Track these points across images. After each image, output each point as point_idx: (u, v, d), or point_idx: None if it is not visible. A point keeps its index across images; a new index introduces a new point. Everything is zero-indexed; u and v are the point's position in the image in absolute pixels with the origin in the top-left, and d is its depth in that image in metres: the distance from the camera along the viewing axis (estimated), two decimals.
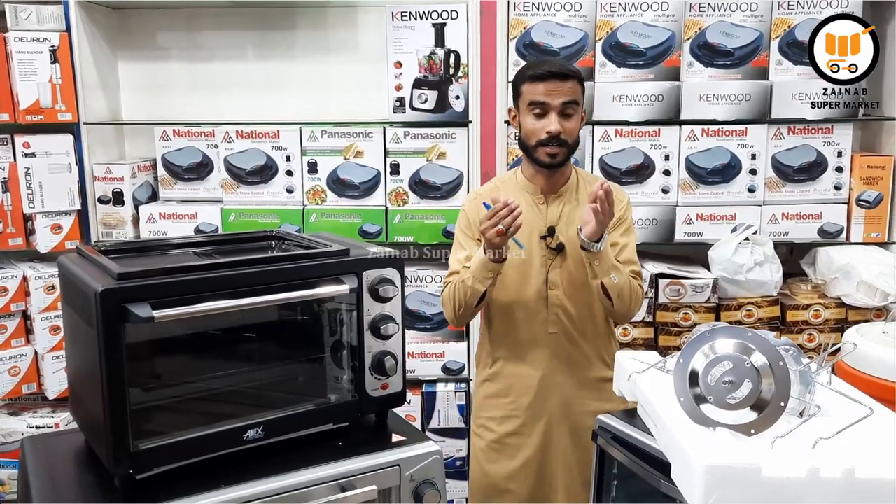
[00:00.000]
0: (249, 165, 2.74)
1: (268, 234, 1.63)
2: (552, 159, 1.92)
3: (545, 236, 1.97)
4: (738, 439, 1.26)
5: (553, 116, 1.89)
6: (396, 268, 1.45)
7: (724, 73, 2.61)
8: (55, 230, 2.67)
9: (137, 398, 1.27)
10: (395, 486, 1.39)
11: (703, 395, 1.31)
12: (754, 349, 1.30)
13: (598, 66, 2.62)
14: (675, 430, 1.30)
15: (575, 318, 1.99)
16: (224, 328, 1.38)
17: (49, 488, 1.27)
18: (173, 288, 1.21)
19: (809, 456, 1.19)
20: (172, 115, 2.93)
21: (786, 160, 2.65)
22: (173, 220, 2.75)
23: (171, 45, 2.96)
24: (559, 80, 1.89)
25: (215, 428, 1.31)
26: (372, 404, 1.46)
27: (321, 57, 2.90)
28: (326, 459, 1.36)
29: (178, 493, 1.22)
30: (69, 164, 2.65)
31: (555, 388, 2.01)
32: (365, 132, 2.68)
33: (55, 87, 2.60)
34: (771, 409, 1.27)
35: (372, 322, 1.43)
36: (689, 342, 1.36)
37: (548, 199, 2.00)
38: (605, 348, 2.06)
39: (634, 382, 1.55)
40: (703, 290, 2.57)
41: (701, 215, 2.67)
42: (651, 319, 2.61)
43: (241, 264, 1.31)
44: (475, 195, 2.09)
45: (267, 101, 2.91)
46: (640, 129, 2.64)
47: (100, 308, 1.16)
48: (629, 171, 2.66)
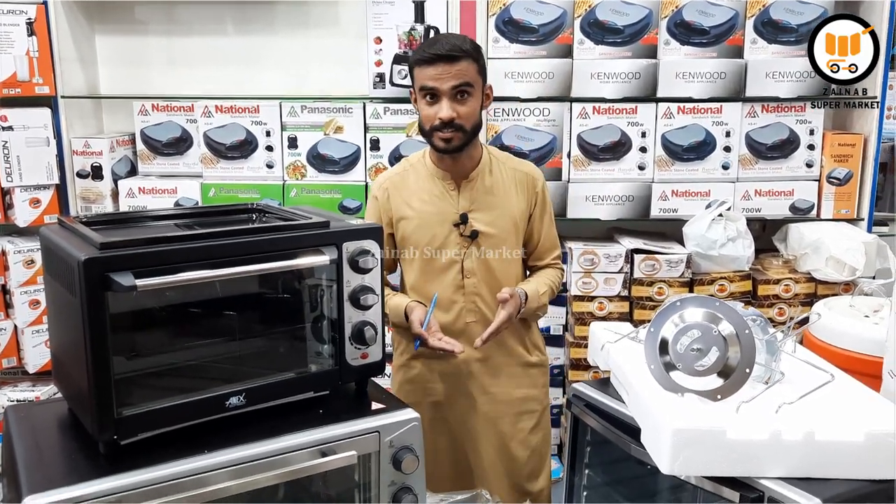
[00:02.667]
0: (229, 140, 2.74)
1: (249, 207, 1.65)
2: (447, 144, 1.83)
3: (458, 224, 1.90)
4: (706, 404, 1.31)
5: (444, 102, 1.79)
6: (375, 239, 1.47)
7: (699, 51, 2.65)
8: (34, 204, 2.66)
9: (121, 367, 1.28)
10: (374, 452, 1.42)
11: (673, 363, 1.36)
12: (722, 318, 1.35)
13: (577, 43, 2.64)
14: (646, 397, 1.35)
15: (493, 305, 1.91)
16: (206, 299, 1.40)
17: (35, 455, 1.29)
18: (156, 257, 1.23)
19: (773, 420, 1.25)
20: (151, 90, 2.92)
21: (759, 138, 2.70)
22: (153, 195, 2.75)
23: (149, 18, 2.93)
24: (447, 63, 1.77)
25: (198, 395, 1.33)
26: (352, 373, 1.49)
27: (301, 31, 2.90)
28: (307, 426, 1.38)
29: (161, 459, 1.24)
30: (47, 137, 2.64)
31: (474, 376, 1.97)
32: (345, 108, 2.70)
33: (32, 59, 2.59)
34: (737, 376, 1.33)
35: (352, 293, 1.46)
36: (659, 311, 1.41)
37: (459, 184, 1.92)
38: (527, 334, 2.02)
39: (608, 352, 1.59)
40: (677, 265, 2.63)
41: (676, 192, 2.71)
42: (626, 294, 2.66)
43: (222, 235, 1.33)
44: (384, 180, 1.99)
45: (246, 75, 2.91)
46: (618, 107, 2.67)
47: (83, 277, 1.17)
48: (606, 148, 2.69)
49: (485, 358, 1.96)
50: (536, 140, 2.69)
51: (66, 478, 1.20)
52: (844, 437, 1.21)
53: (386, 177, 2.00)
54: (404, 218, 1.91)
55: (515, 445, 2.00)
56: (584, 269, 2.65)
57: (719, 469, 1.23)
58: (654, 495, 1.67)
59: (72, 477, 1.20)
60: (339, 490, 1.47)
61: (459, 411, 1.99)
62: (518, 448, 2.01)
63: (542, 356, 2.05)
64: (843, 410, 1.29)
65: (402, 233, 1.92)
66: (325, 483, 1.49)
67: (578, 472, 1.66)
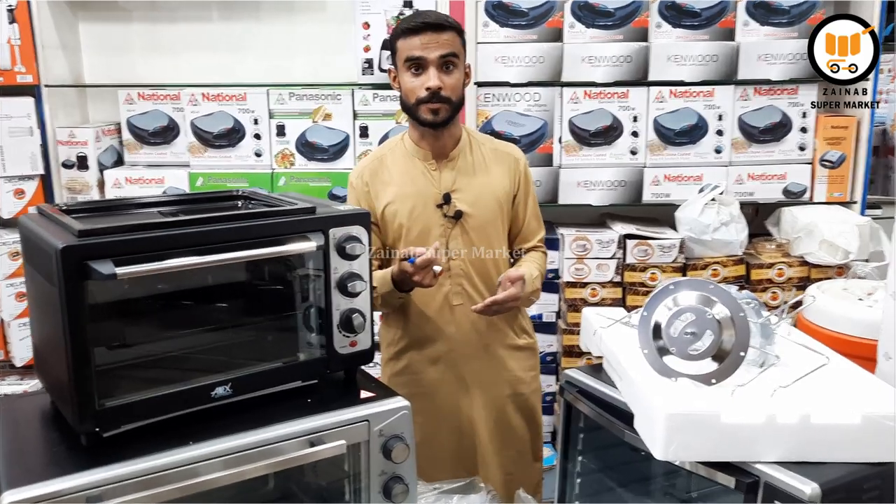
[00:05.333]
0: (217, 129, 2.71)
1: (235, 194, 1.62)
2: (434, 116, 1.80)
3: (441, 204, 1.86)
4: (700, 389, 1.29)
5: (432, 71, 1.77)
6: (363, 225, 1.44)
7: (691, 33, 2.62)
8: (18, 195, 2.63)
9: (103, 357, 1.26)
10: (364, 441, 1.39)
11: (666, 347, 1.34)
12: (716, 301, 1.33)
13: (567, 26, 2.61)
14: (639, 382, 1.33)
15: (480, 287, 1.90)
16: (191, 288, 1.37)
17: (16, 449, 1.26)
18: (136, 245, 1.20)
19: (767, 403, 1.23)
20: (136, 78, 2.88)
21: (751, 121, 2.68)
22: (140, 185, 2.71)
23: (133, 5, 2.89)
24: (435, 32, 1.76)
25: (182, 386, 1.31)
26: (340, 362, 1.47)
27: (287, 17, 2.86)
28: (296, 415, 1.35)
29: (145, 450, 1.22)
30: (30, 127, 2.60)
31: (464, 360, 1.94)
32: (333, 94, 2.66)
33: (13, 47, 2.54)
34: (731, 360, 1.30)
35: (339, 280, 1.43)
36: (652, 295, 1.38)
37: (440, 164, 1.88)
38: (515, 316, 1.99)
39: (600, 337, 1.57)
40: (670, 251, 2.61)
41: (668, 176, 2.69)
42: (619, 280, 2.64)
43: (205, 221, 1.29)
44: (361, 170, 1.94)
45: (232, 62, 2.87)
46: (609, 91, 2.64)
47: (61, 266, 1.14)
48: (598, 133, 2.67)
49: (473, 342, 1.94)
50: (527, 125, 2.66)
51: (47, 471, 1.17)
52: (841, 420, 1.19)
53: (363, 165, 1.96)
54: (385, 203, 1.88)
55: (506, 429, 1.99)
56: (576, 255, 2.63)
57: (714, 454, 1.21)
58: (648, 481, 1.65)
59: (53, 470, 1.17)
60: (328, 480, 1.45)
61: (451, 398, 1.96)
62: (509, 431, 1.99)
63: (530, 339, 2.03)
64: (839, 393, 1.27)
65: (385, 219, 1.89)
66: (315, 473, 1.47)
67: (572, 458, 1.64)
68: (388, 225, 1.88)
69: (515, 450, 2.02)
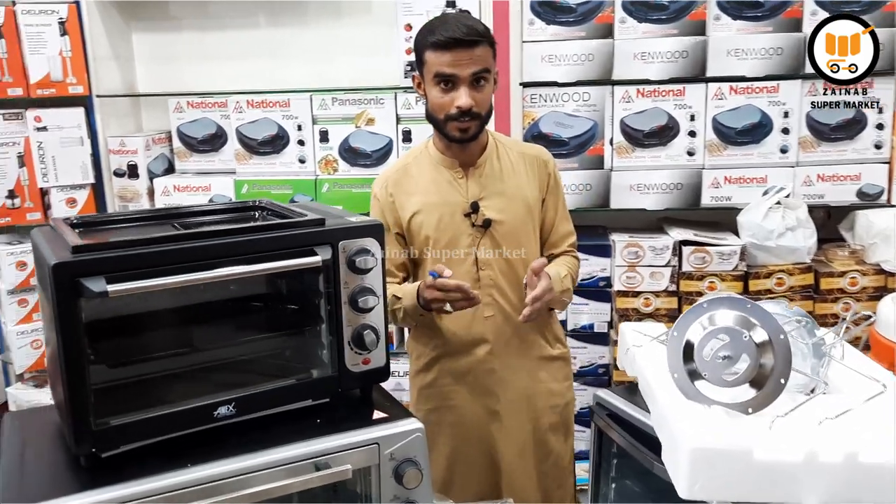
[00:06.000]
0: (261, 136, 2.69)
1: (253, 205, 1.58)
2: (463, 134, 1.72)
3: (469, 213, 1.78)
4: (734, 419, 1.17)
5: (463, 89, 1.67)
6: (375, 237, 1.38)
7: (753, 25, 2.45)
8: (70, 204, 2.68)
9: (102, 376, 1.23)
10: (374, 465, 1.33)
11: (698, 371, 1.22)
12: (754, 322, 1.20)
13: (618, 22, 2.48)
14: (666, 408, 1.21)
15: (511, 297, 1.82)
16: (194, 304, 1.33)
17: (16, 466, 1.25)
18: (130, 261, 1.17)
19: (811, 437, 1.09)
20: (186, 86, 2.90)
21: (822, 118, 2.48)
22: (187, 193, 2.73)
23: (184, 14, 2.91)
24: (466, 48, 1.65)
25: (184, 405, 1.27)
26: (352, 380, 1.40)
27: (333, 21, 2.83)
28: (302, 437, 1.30)
29: (142, 473, 1.18)
30: (81, 137, 2.64)
31: (495, 373, 1.85)
32: (376, 98, 2.61)
33: (65, 59, 2.59)
34: (770, 387, 1.17)
35: (350, 295, 1.36)
36: (683, 315, 1.26)
37: (467, 172, 1.81)
38: (548, 325, 1.91)
39: (633, 356, 1.45)
40: (729, 258, 2.44)
41: (729, 178, 2.52)
42: (674, 289, 2.49)
43: (206, 236, 1.25)
44: (385, 179, 1.87)
45: (278, 68, 2.86)
46: (664, 88, 2.50)
47: (53, 282, 1.12)
48: (652, 133, 2.53)
49: (505, 354, 1.85)
50: (576, 126, 2.54)
51: (42, 492, 1.15)
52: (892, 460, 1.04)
53: (386, 175, 1.89)
54: (411, 214, 1.80)
55: (540, 443, 1.89)
56: (627, 262, 2.49)
57: (746, 494, 1.08)
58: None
59: (48, 491, 1.15)
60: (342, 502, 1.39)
61: (480, 412, 1.88)
62: (541, 447, 1.90)
63: (563, 349, 1.93)
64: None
65: (411, 230, 1.81)
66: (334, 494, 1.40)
67: (604, 483, 1.53)
68: (415, 236, 1.81)
69: (549, 464, 1.92)
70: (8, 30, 2.56)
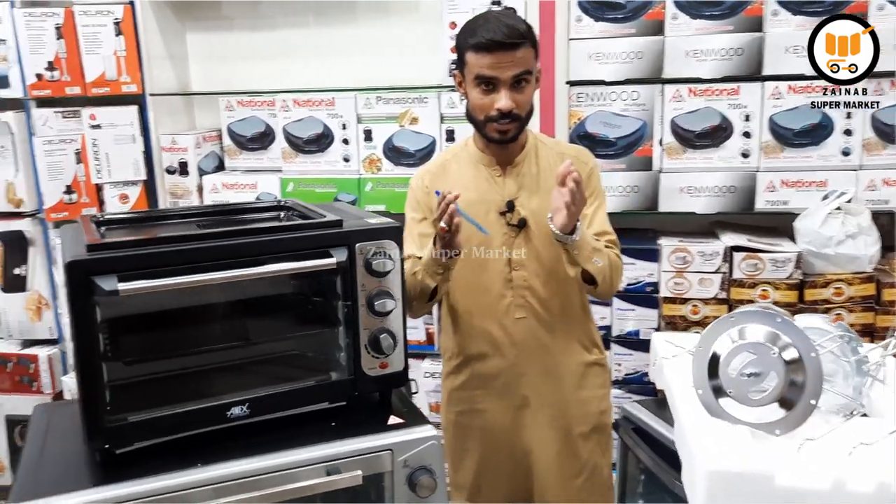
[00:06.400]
0: (307, 134, 2.70)
1: (276, 205, 1.58)
2: (503, 136, 1.69)
3: (504, 212, 1.75)
4: (760, 440, 1.10)
5: (503, 92, 1.65)
6: (394, 239, 1.35)
7: (814, 21, 2.31)
8: (122, 199, 2.75)
9: (117, 372, 1.24)
10: (387, 472, 1.31)
11: (723, 388, 1.15)
12: (783, 337, 1.12)
13: (670, 18, 2.39)
14: (687, 426, 1.15)
15: (546, 299, 1.77)
16: (209, 303, 1.34)
17: (35, 460, 1.27)
18: (142, 260, 1.17)
19: (841, 464, 1.02)
20: (238, 85, 2.93)
21: (888, 119, 2.34)
22: (234, 190, 2.76)
23: (236, 13, 2.95)
24: (508, 51, 1.62)
25: (197, 405, 1.27)
26: (370, 383, 1.39)
27: (381, 19, 2.81)
28: (315, 441, 1.29)
29: (152, 471, 1.19)
30: (133, 135, 2.71)
31: (526, 378, 1.80)
32: (420, 97, 2.59)
33: (119, 59, 2.66)
34: (800, 408, 1.10)
35: (367, 297, 1.35)
36: (709, 328, 1.20)
37: (504, 170, 1.78)
38: (584, 329, 1.84)
39: (660, 369, 1.39)
40: (784, 265, 2.33)
41: (786, 181, 2.40)
42: (725, 296, 2.39)
43: (219, 236, 1.25)
44: (423, 173, 1.86)
45: (326, 67, 2.86)
46: (717, 87, 2.39)
47: (66, 279, 1.13)
48: (704, 134, 2.42)
49: (537, 359, 1.80)
50: (624, 126, 2.46)
51: (56, 487, 1.17)
52: None
53: (424, 169, 1.88)
54: None
55: (571, 455, 1.83)
56: (675, 268, 2.40)
57: None
58: None
59: (62, 486, 1.17)
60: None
61: (510, 418, 1.83)
62: (575, 458, 1.83)
63: (600, 354, 1.87)
64: None
65: None
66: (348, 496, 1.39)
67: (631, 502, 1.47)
68: None
69: (584, 477, 1.85)
70: (67, 30, 2.64)
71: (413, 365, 2.66)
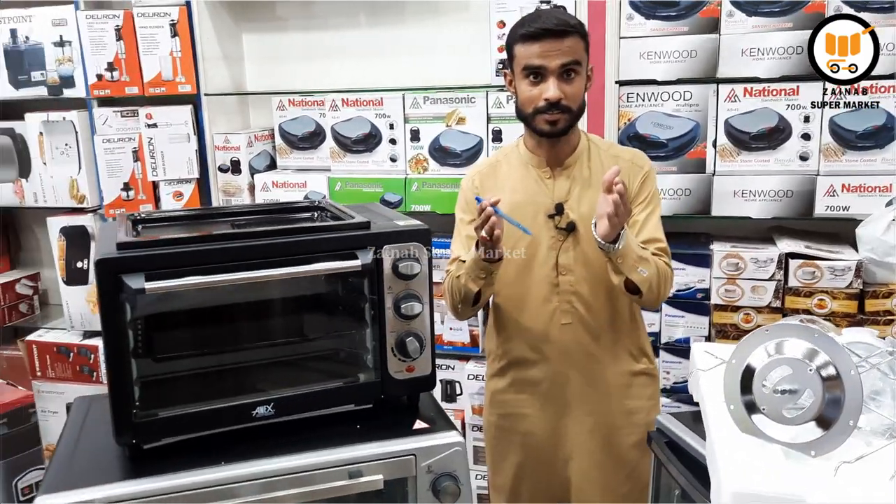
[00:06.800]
0: (355, 134, 2.72)
1: (311, 205, 1.58)
2: (552, 127, 1.67)
3: (553, 214, 1.72)
4: (793, 461, 1.04)
5: (551, 81, 1.64)
6: (422, 242, 1.34)
7: (880, 17, 2.20)
8: (177, 197, 2.81)
9: (147, 369, 1.27)
10: (410, 477, 1.30)
11: (757, 404, 1.10)
12: (821, 353, 1.07)
13: (725, 15, 2.31)
14: (717, 442, 1.10)
15: (592, 305, 1.74)
16: (237, 303, 1.35)
17: (70, 450, 1.31)
18: (169, 259, 1.19)
19: (878, 489, 0.96)
20: (290, 85, 2.97)
21: None
22: (284, 189, 2.79)
23: (290, 14, 2.99)
24: (556, 39, 1.62)
25: (223, 403, 1.28)
26: (397, 387, 1.38)
27: (431, 19, 2.80)
28: (339, 442, 1.29)
29: (175, 467, 1.21)
30: (187, 133, 2.77)
31: (571, 385, 1.77)
32: (467, 97, 2.57)
33: (175, 59, 2.72)
34: (838, 428, 1.04)
35: (395, 300, 1.34)
36: (743, 340, 1.14)
37: (554, 172, 1.76)
38: (632, 338, 1.80)
39: (697, 380, 1.34)
40: (843, 274, 2.22)
41: (847, 186, 2.29)
42: (779, 305, 2.29)
43: (247, 236, 1.26)
44: (474, 174, 1.85)
45: (375, 67, 2.87)
46: (775, 87, 2.30)
47: (97, 277, 1.16)
48: (760, 135, 2.33)
49: (582, 366, 1.77)
50: (676, 127, 2.39)
51: (85, 479, 1.19)
52: None
53: (475, 170, 1.88)
54: None
55: (616, 466, 1.79)
56: (726, 274, 2.32)
57: None
58: None
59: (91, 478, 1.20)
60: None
61: (551, 426, 1.81)
62: (619, 470, 1.79)
63: (649, 364, 1.82)
64: None
65: None
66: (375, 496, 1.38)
67: None
68: None
69: (628, 487, 1.81)
70: (126, 32, 2.72)
71: (458, 367, 2.65)
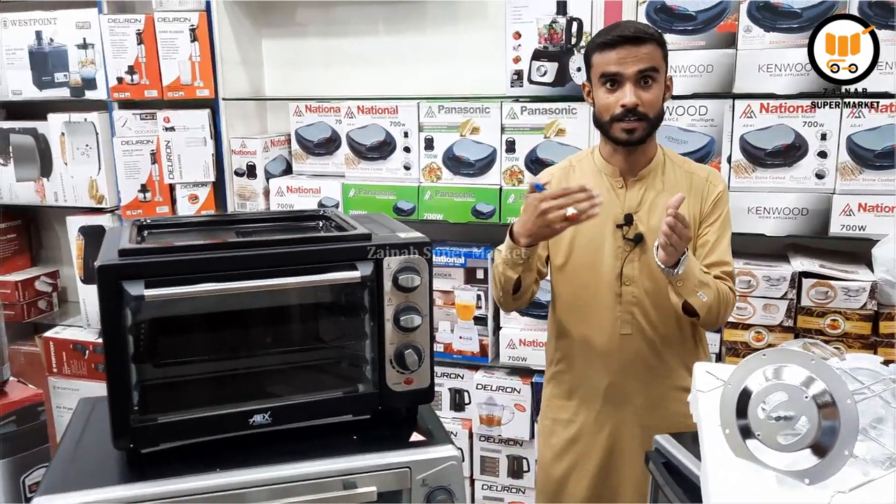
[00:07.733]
0: (370, 141, 2.73)
1: (318, 214, 1.59)
2: (629, 135, 1.67)
3: (622, 224, 1.73)
4: (786, 488, 1.03)
5: (628, 87, 1.65)
6: (422, 255, 1.34)
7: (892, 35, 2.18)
8: (192, 200, 2.84)
9: (146, 374, 1.28)
10: (405, 489, 1.29)
11: (752, 429, 1.09)
12: (817, 380, 1.05)
13: (743, 30, 2.29)
14: (710, 466, 1.09)
15: (654, 318, 1.74)
16: (237, 310, 1.35)
17: (70, 452, 1.32)
18: (169, 267, 1.20)
19: None
20: (308, 90, 2.99)
21: None
22: (298, 194, 2.81)
23: (309, 20, 3.01)
24: (633, 46, 1.64)
25: (220, 410, 1.29)
26: (394, 399, 1.38)
27: (450, 26, 2.80)
28: (334, 453, 1.30)
29: (171, 473, 1.22)
30: (204, 137, 2.80)
31: (625, 396, 1.78)
32: (482, 107, 2.57)
33: (194, 64, 2.75)
34: (833, 456, 1.03)
35: (394, 313, 1.34)
36: (740, 364, 1.13)
37: (627, 182, 1.76)
38: (691, 354, 1.80)
39: (696, 401, 1.33)
40: (857, 295, 2.19)
41: (864, 205, 2.26)
42: (791, 324, 2.26)
43: (247, 245, 1.27)
44: (547, 175, 1.87)
45: (391, 74, 2.88)
46: (791, 104, 2.27)
47: (98, 283, 1.17)
48: (776, 153, 2.31)
49: (638, 377, 1.77)
50: (691, 142, 2.37)
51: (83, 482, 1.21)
52: None
53: (551, 170, 1.90)
54: None
55: None
56: (738, 291, 2.29)
57: None
58: None
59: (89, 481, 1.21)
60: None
61: (605, 434, 1.82)
62: None
63: None
64: None
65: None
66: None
67: None
68: (561, 240, 1.77)
69: None
70: (147, 36, 2.75)
71: (466, 376, 2.65)
